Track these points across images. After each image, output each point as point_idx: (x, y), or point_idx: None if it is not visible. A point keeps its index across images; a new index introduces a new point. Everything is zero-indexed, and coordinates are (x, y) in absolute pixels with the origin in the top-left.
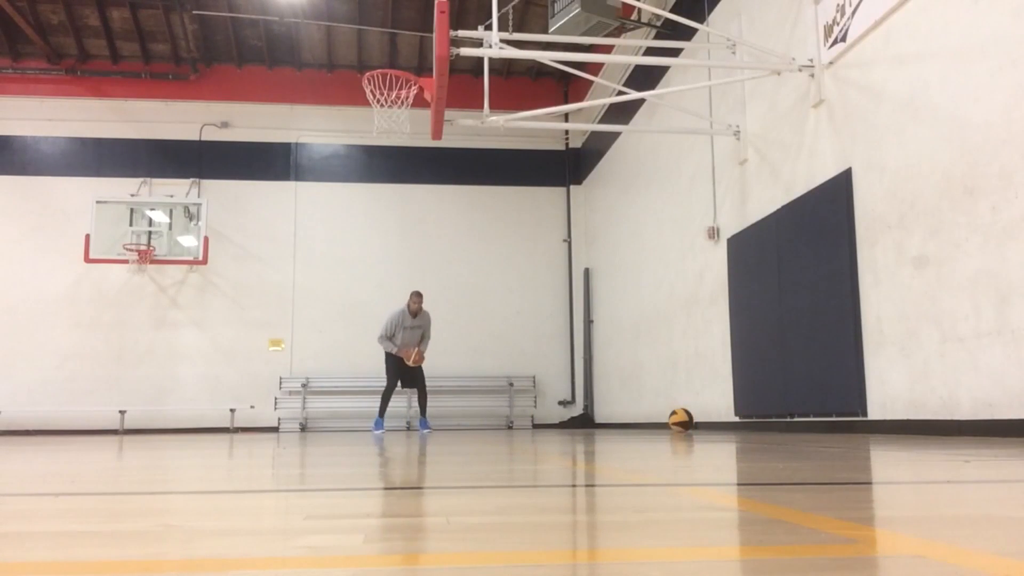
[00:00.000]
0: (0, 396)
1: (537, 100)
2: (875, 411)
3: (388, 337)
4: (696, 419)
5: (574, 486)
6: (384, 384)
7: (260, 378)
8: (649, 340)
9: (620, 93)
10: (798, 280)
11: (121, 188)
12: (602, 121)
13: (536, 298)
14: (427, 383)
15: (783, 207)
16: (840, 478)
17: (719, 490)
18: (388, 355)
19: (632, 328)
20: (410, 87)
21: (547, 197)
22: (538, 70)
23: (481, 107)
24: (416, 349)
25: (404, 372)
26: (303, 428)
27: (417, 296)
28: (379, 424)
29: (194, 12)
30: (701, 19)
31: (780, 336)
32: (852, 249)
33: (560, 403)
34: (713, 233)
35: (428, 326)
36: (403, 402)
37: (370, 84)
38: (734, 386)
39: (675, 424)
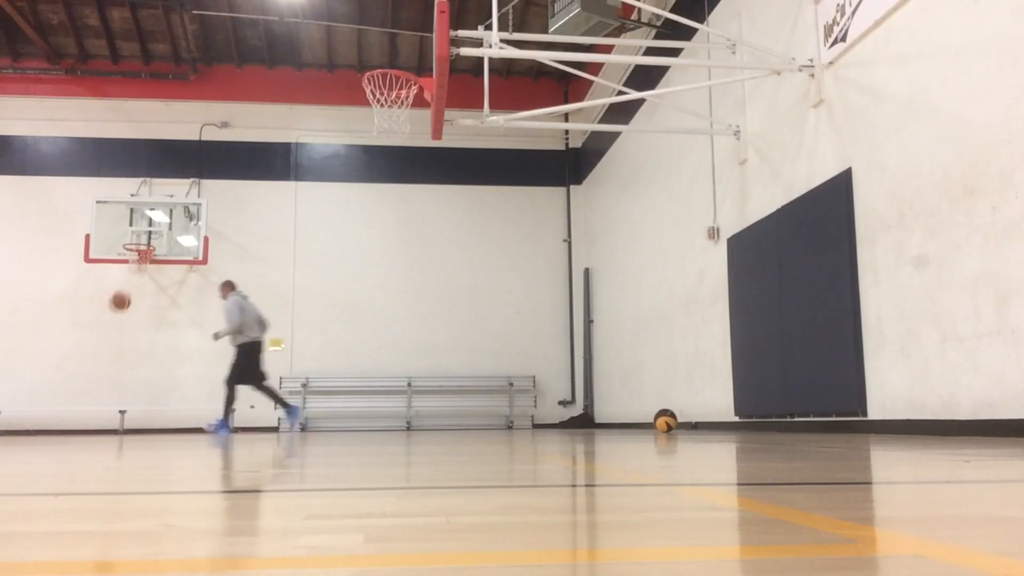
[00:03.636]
0: (0, 396)
1: (537, 100)
2: (875, 411)
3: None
4: (696, 419)
5: (574, 486)
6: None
7: None
8: (649, 340)
9: (620, 93)
10: (798, 280)
11: (121, 188)
12: (602, 121)
13: (536, 298)
14: (429, 383)
15: (783, 207)
16: (840, 478)
17: (719, 490)
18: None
19: (632, 328)
20: (410, 87)
21: (547, 197)
22: (538, 70)
23: (481, 107)
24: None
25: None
26: (303, 428)
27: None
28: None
29: (194, 12)
30: (701, 19)
31: (780, 336)
32: (852, 249)
33: (560, 403)
34: (713, 233)
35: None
36: (402, 402)
37: (370, 84)
38: (734, 386)
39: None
